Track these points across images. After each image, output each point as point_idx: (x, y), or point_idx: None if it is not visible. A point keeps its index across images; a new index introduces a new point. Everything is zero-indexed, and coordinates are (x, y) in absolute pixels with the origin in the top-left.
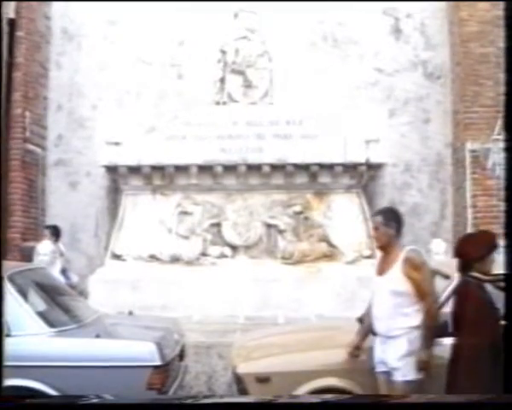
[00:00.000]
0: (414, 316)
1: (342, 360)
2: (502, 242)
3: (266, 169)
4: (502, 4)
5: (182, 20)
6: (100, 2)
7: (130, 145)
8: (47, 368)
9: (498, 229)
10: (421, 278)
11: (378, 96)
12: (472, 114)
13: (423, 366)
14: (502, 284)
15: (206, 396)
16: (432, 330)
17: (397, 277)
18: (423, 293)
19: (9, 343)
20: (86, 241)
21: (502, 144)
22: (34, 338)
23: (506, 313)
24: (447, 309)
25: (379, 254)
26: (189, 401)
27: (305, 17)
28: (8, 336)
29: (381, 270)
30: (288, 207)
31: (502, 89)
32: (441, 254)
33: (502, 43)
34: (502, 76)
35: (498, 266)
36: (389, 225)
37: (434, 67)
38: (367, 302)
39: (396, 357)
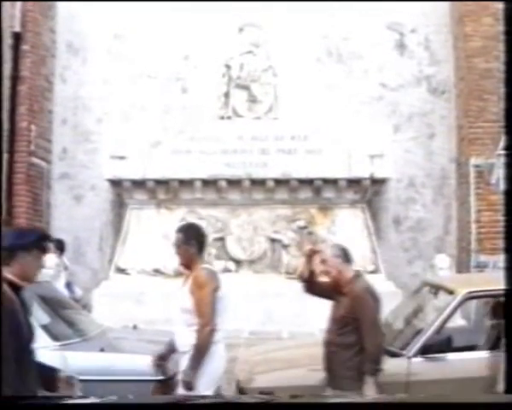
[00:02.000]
0: None
1: None
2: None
3: (270, 184)
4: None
5: (187, 35)
6: (105, 17)
7: (135, 159)
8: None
9: (502, 244)
10: (200, 296)
11: (382, 111)
12: (476, 129)
13: (187, 387)
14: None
15: (206, 396)
16: (201, 350)
17: (185, 293)
18: (199, 312)
19: None
20: (90, 254)
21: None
22: (38, 352)
23: (506, 319)
24: (451, 324)
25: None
26: (189, 402)
27: (309, 32)
28: None
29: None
30: (292, 221)
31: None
32: (445, 269)
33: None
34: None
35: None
36: (190, 243)
37: (439, 82)
38: None
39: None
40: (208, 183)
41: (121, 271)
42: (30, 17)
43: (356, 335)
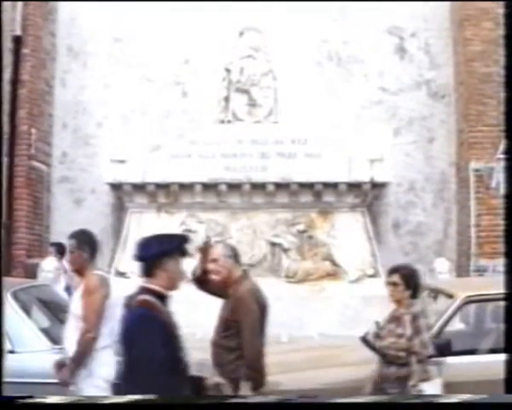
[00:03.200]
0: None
1: (346, 379)
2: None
3: (270, 188)
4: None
5: (187, 39)
6: (105, 21)
7: (135, 163)
8: (50, 385)
9: (502, 248)
10: (88, 302)
11: (382, 116)
12: (476, 133)
13: (63, 386)
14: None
15: (206, 396)
16: (80, 354)
17: (76, 299)
18: (84, 318)
19: (13, 360)
20: None
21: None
22: (37, 355)
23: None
24: (450, 328)
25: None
26: (189, 401)
27: (309, 36)
28: (11, 352)
29: None
30: (292, 225)
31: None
32: (445, 273)
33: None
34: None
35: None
36: (82, 248)
37: (438, 86)
38: (371, 321)
39: None
40: (208, 187)
41: (121, 274)
42: (30, 21)
43: (238, 338)
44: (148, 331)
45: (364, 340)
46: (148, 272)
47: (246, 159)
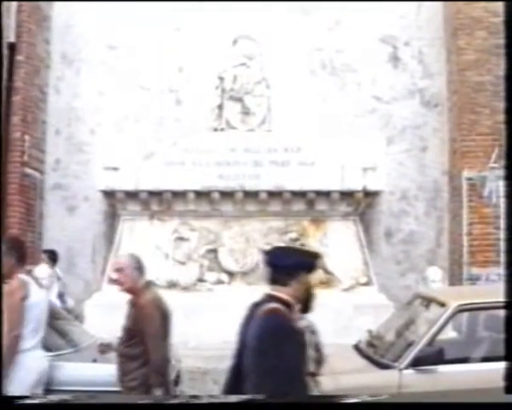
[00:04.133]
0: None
1: (338, 387)
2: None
3: (263, 196)
4: (499, 33)
5: (180, 47)
6: (99, 28)
7: (128, 170)
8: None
9: (494, 257)
10: (9, 304)
11: (375, 124)
12: (469, 142)
13: None
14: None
15: (205, 396)
16: (5, 355)
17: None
18: (7, 319)
19: None
20: (83, 265)
21: (498, 172)
22: None
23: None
24: (442, 337)
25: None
26: (189, 401)
27: (303, 44)
28: None
29: None
30: (284, 233)
31: (498, 117)
32: (437, 282)
33: (499, 72)
34: (499, 104)
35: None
36: (10, 254)
37: (432, 95)
38: (364, 329)
39: None
40: (201, 194)
41: (114, 282)
42: (24, 28)
43: (141, 346)
44: (285, 339)
45: (357, 348)
46: (282, 280)
47: (239, 167)
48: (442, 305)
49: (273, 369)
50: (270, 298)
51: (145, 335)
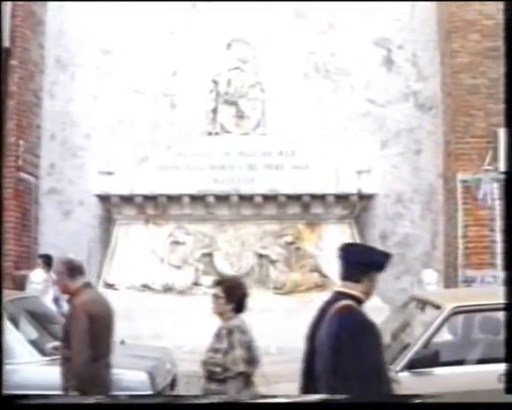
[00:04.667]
0: None
1: None
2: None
3: (258, 199)
4: (492, 36)
5: (175, 51)
6: (93, 32)
7: (123, 175)
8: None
9: (489, 259)
10: None
11: (370, 127)
12: (463, 144)
13: None
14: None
15: (205, 396)
16: None
17: None
18: None
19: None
20: None
21: (493, 175)
22: (26, 366)
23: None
24: (438, 339)
25: None
26: (189, 401)
27: (297, 48)
28: None
29: None
30: (279, 237)
31: (493, 119)
32: (433, 285)
33: (493, 74)
34: (493, 107)
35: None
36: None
37: (426, 98)
38: None
39: None
40: (196, 198)
41: (109, 286)
42: (19, 32)
43: (70, 349)
44: (362, 335)
45: None
46: (356, 277)
47: (234, 171)
48: (437, 307)
49: (353, 367)
50: (340, 295)
51: (71, 336)
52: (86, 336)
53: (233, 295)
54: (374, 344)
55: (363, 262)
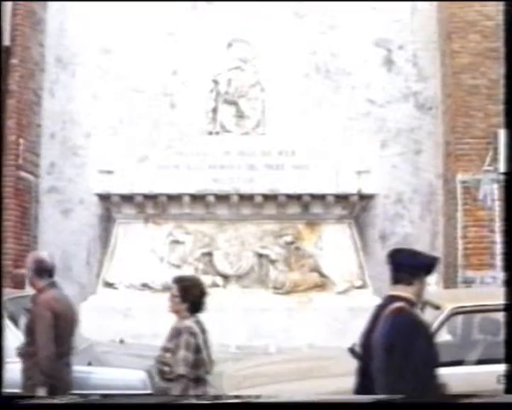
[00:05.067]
0: None
1: (334, 390)
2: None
3: (258, 199)
4: (493, 37)
5: (175, 50)
6: (94, 31)
7: (123, 174)
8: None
9: (489, 259)
10: None
11: (370, 127)
12: (463, 145)
13: None
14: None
15: (205, 396)
16: None
17: None
18: None
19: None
20: (78, 269)
21: (493, 175)
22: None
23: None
24: (437, 340)
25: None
26: (189, 401)
27: (297, 48)
28: None
29: None
30: (279, 237)
31: (493, 120)
32: (432, 285)
33: (493, 75)
34: (493, 107)
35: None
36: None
37: (426, 98)
38: (359, 332)
39: None
40: (196, 198)
41: (109, 285)
42: (19, 31)
43: (34, 345)
44: (415, 337)
45: (352, 351)
46: (407, 280)
47: (233, 170)
48: (437, 308)
49: (405, 367)
50: (393, 298)
51: (35, 333)
52: (51, 332)
53: (188, 294)
54: (426, 345)
55: (413, 266)
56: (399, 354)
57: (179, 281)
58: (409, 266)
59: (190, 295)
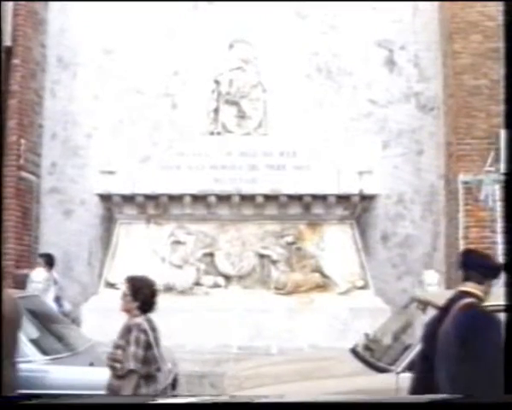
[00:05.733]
0: None
1: (335, 391)
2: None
3: (260, 199)
4: (494, 37)
5: (176, 50)
6: (95, 32)
7: (125, 174)
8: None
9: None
10: None
11: (371, 128)
12: (464, 145)
13: None
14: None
15: (205, 396)
16: None
17: None
18: None
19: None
20: (80, 269)
21: (494, 176)
22: (27, 366)
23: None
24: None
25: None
26: (188, 401)
27: (299, 48)
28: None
29: None
30: (280, 237)
31: (494, 121)
32: (434, 285)
33: (495, 76)
34: (494, 108)
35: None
36: None
37: (427, 98)
38: (360, 333)
39: None
40: (197, 198)
41: (110, 285)
42: (20, 31)
43: None
44: (488, 332)
45: (354, 352)
46: (479, 279)
47: (235, 171)
48: (439, 308)
49: (475, 360)
50: (463, 294)
51: None
52: None
53: (139, 293)
54: (496, 340)
55: (485, 266)
56: (469, 349)
57: (130, 280)
58: (481, 266)
59: (141, 295)
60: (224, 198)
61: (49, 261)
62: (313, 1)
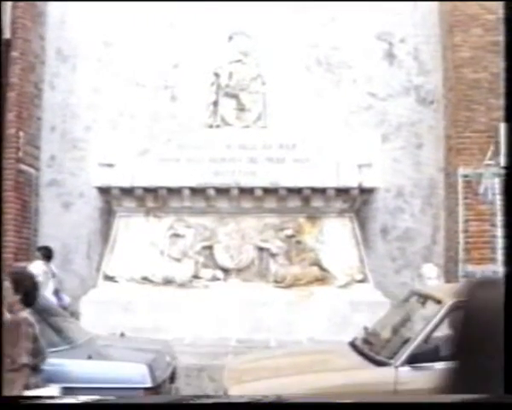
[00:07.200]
0: None
1: (334, 384)
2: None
3: (259, 192)
4: (495, 31)
5: (176, 43)
6: (95, 24)
7: (124, 167)
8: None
9: (490, 254)
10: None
11: (371, 121)
12: (464, 139)
13: None
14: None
15: (205, 396)
16: None
17: None
18: None
19: None
20: (78, 262)
21: (494, 169)
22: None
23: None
24: (439, 334)
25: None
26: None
27: (299, 41)
28: None
29: None
30: (280, 230)
31: (494, 114)
32: (433, 279)
33: (494, 69)
34: (494, 101)
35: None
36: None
37: (427, 92)
38: (359, 326)
39: None
40: (197, 191)
41: (109, 278)
42: (20, 24)
43: None
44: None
45: (353, 345)
46: None
47: (234, 163)
48: (438, 302)
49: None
50: None
51: None
52: None
53: (20, 286)
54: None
55: None
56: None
57: (10, 274)
58: None
59: (22, 287)
60: (223, 191)
61: (48, 254)
62: None
